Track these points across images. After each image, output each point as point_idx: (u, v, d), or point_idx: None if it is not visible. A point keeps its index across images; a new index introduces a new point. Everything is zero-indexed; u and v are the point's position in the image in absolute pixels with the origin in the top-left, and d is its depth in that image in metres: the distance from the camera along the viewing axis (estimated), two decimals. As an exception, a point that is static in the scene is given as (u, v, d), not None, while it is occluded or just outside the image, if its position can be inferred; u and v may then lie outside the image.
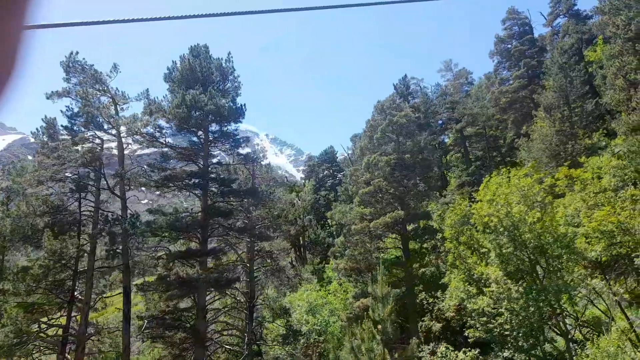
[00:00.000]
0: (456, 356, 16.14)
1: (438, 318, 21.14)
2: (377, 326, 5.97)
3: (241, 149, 18.75)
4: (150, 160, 18.07)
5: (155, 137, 17.07)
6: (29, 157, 19.97)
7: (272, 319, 20.63)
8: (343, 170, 46.85)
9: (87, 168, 17.39)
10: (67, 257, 16.18)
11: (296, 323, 22.93)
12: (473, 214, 16.11)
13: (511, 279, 14.15)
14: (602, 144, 29.11)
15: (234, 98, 18.68)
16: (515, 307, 13.52)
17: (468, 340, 15.64)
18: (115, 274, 20.01)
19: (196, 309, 16.36)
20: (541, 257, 14.25)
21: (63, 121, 17.67)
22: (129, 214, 17.92)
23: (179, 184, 17.45)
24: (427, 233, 23.77)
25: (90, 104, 17.15)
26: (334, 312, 25.49)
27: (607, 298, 15.34)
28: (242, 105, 18.06)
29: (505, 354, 14.57)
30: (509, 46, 46.42)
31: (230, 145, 18.18)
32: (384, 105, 25.80)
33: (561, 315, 14.35)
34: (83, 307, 16.21)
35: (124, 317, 16.77)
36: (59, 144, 16.37)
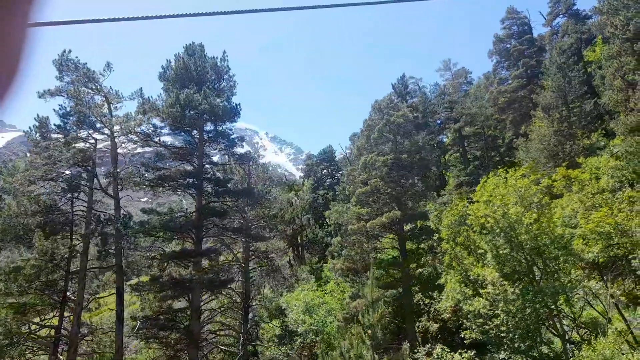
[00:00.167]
0: (452, 358, 16.02)
1: (435, 319, 21.08)
2: (367, 331, 5.88)
3: (236, 148, 18.60)
4: (145, 160, 17.93)
5: (150, 137, 16.93)
6: (28, 155, 19.89)
7: (268, 319, 20.53)
8: (341, 170, 46.77)
9: (80, 168, 17.23)
10: (59, 258, 16.05)
11: (292, 323, 22.84)
12: (470, 215, 16.02)
13: (508, 281, 14.06)
14: (600, 144, 29.03)
15: (229, 97, 18.55)
16: (512, 308, 13.43)
17: (464, 342, 15.55)
18: (109, 274, 19.86)
19: (190, 309, 16.24)
20: (538, 259, 14.17)
21: (56, 120, 17.59)
22: (122, 214, 17.76)
23: (173, 183, 17.31)
24: (425, 233, 23.66)
25: (83, 103, 16.95)
26: (330, 312, 25.41)
27: (605, 299, 15.27)
28: (237, 104, 17.92)
29: (502, 355, 14.47)
30: (507, 46, 46.33)
31: (225, 144, 18.04)
32: (381, 104, 25.65)
33: (558, 317, 14.27)
34: (75, 308, 16.08)
35: (117, 318, 16.64)
36: (49, 143, 16.21)
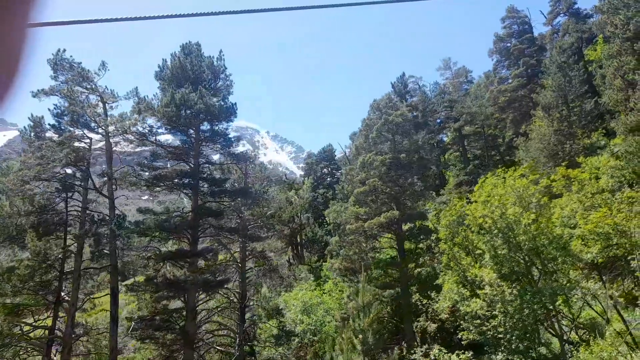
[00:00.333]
0: (449, 359, 15.91)
1: (433, 319, 20.98)
2: (358, 336, 5.82)
3: (233, 148, 18.49)
4: (142, 160, 17.83)
5: (145, 136, 16.82)
6: (22, 155, 19.80)
7: (265, 319, 20.44)
8: (341, 169, 46.67)
9: (74, 167, 17.12)
10: (53, 258, 15.97)
11: (290, 323, 22.75)
12: (467, 215, 15.92)
13: (506, 281, 13.97)
14: (601, 143, 28.90)
15: (225, 97, 18.40)
16: (510, 309, 13.35)
17: (461, 343, 15.46)
18: (104, 275, 19.80)
19: (186, 310, 16.15)
20: (537, 259, 14.07)
21: (51, 120, 17.47)
22: (116, 214, 17.66)
23: (169, 183, 17.21)
24: (423, 233, 23.56)
25: (76, 102, 16.79)
26: (328, 312, 25.32)
27: (603, 300, 15.16)
28: (233, 104, 17.79)
29: (499, 356, 14.38)
30: (508, 45, 46.15)
31: (222, 144, 17.93)
32: (380, 104, 25.53)
33: (556, 317, 14.17)
34: (69, 309, 15.99)
35: (111, 319, 16.55)
36: (42, 143, 16.10)
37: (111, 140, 18.25)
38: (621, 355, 11.59)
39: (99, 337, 18.22)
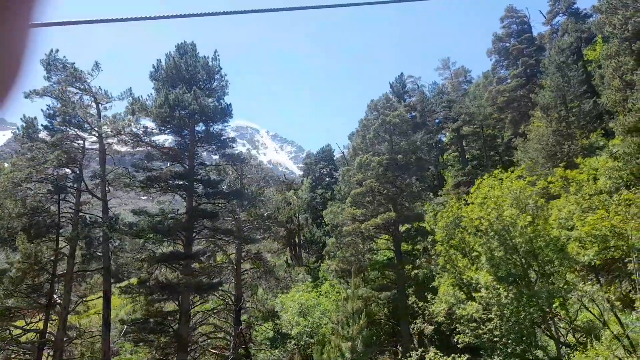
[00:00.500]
0: (445, 362, 15.76)
1: (430, 321, 20.86)
2: (347, 343, 5.69)
3: (228, 149, 18.32)
4: (136, 161, 17.67)
5: (140, 137, 16.68)
6: (14, 156, 19.64)
7: (261, 322, 20.31)
8: (340, 169, 46.55)
9: (66, 169, 16.95)
10: (45, 261, 15.81)
11: (287, 324, 22.59)
12: (464, 217, 15.78)
13: (502, 284, 13.84)
14: (600, 143, 28.76)
15: (220, 97, 18.25)
16: (506, 312, 13.23)
17: (457, 346, 15.34)
18: (97, 277, 19.63)
19: (179, 312, 16.01)
20: (533, 261, 13.94)
21: (45, 121, 17.29)
22: (109, 217, 17.48)
23: (163, 185, 17.07)
24: (420, 234, 23.44)
25: (68, 103, 16.58)
26: (325, 314, 25.16)
27: (600, 302, 15.04)
28: (228, 104, 17.63)
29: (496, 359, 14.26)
30: (507, 45, 46.00)
31: (217, 145, 17.78)
32: (377, 104, 25.40)
33: (553, 320, 14.05)
34: (61, 312, 15.84)
35: (104, 322, 16.38)
36: (32, 145, 15.94)
37: (105, 141, 18.10)
38: (618, 359, 11.48)
39: (92, 340, 18.06)
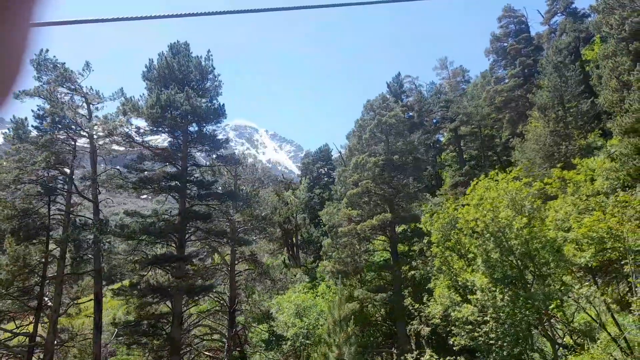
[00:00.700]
0: (441, 364, 15.62)
1: (427, 322, 20.73)
2: (333, 351, 5.55)
3: (222, 150, 18.14)
4: (129, 162, 17.47)
5: (132, 138, 16.49)
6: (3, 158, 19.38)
7: (255, 323, 20.15)
8: (336, 169, 46.41)
9: (56, 171, 16.73)
10: (34, 263, 15.62)
11: (283, 326, 22.42)
12: (460, 218, 15.65)
13: (498, 286, 13.71)
14: (597, 143, 28.65)
15: (214, 97, 18.06)
16: (502, 314, 13.12)
17: (454, 349, 15.21)
18: (89, 279, 19.44)
19: (172, 315, 15.83)
20: (530, 263, 13.82)
21: (35, 122, 17.02)
22: (99, 219, 17.27)
23: (155, 186, 16.89)
24: (417, 235, 23.30)
25: (57, 104, 16.25)
26: (321, 315, 25.01)
27: (598, 304, 14.93)
28: (221, 105, 17.44)
29: (491, 362, 14.13)
30: (504, 45, 45.86)
31: (210, 146, 17.59)
32: (373, 104, 25.24)
33: (549, 322, 13.93)
34: (52, 315, 15.65)
35: (95, 325, 16.19)
36: (20, 146, 15.70)
37: (96, 142, 17.89)
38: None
39: (84, 342, 17.87)
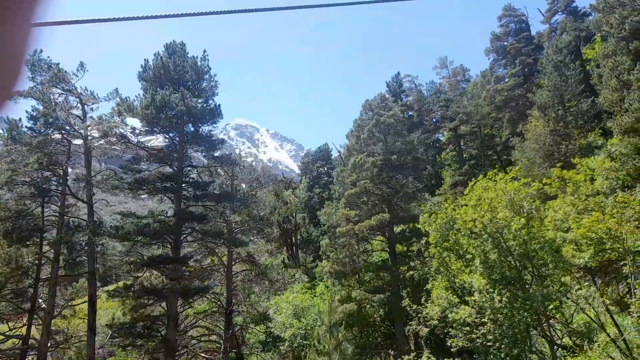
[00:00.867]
0: (439, 366, 15.55)
1: (425, 323, 20.62)
2: (323, 358, 5.45)
3: (218, 150, 18.02)
4: (124, 162, 17.35)
5: (127, 139, 16.38)
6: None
7: (253, 324, 20.04)
8: (335, 169, 46.29)
9: (50, 172, 16.61)
10: (27, 265, 15.51)
11: (280, 327, 22.32)
12: (457, 219, 15.53)
13: (497, 287, 13.59)
14: (598, 143, 28.47)
15: (210, 98, 17.90)
16: (500, 316, 13.00)
17: (451, 350, 15.10)
18: (83, 281, 19.31)
19: (167, 317, 15.72)
20: (528, 264, 13.70)
21: (29, 123, 16.89)
22: (93, 221, 17.15)
23: (151, 187, 16.78)
24: (415, 235, 23.16)
25: (50, 104, 16.09)
26: (320, 315, 24.90)
27: (597, 305, 14.81)
28: (217, 105, 17.28)
29: (490, 364, 14.04)
30: (505, 44, 45.65)
31: (206, 147, 17.46)
32: (372, 104, 25.09)
33: (548, 323, 13.81)
34: (45, 317, 15.56)
35: (89, 328, 16.07)
36: (12, 148, 15.59)
37: (90, 143, 17.75)
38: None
39: (78, 345, 17.76)
